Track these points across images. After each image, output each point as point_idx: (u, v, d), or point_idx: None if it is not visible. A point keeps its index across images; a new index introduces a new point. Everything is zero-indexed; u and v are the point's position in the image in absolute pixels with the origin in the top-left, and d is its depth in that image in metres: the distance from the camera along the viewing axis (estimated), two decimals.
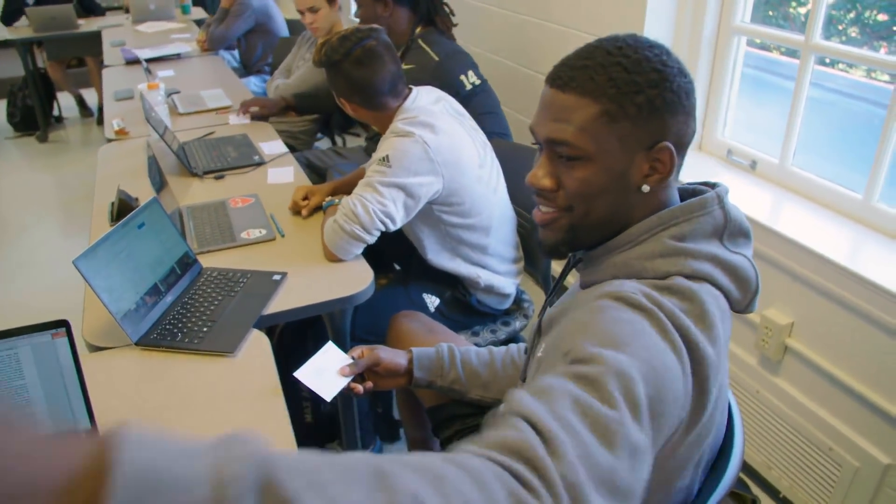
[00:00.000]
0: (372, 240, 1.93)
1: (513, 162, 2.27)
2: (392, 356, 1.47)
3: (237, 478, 0.46)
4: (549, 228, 1.06)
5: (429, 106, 2.04)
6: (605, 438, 0.71)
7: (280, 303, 1.77)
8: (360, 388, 1.44)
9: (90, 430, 1.33)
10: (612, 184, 0.99)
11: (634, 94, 0.94)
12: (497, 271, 2.16)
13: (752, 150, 2.46)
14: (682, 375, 0.84)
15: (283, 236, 2.11)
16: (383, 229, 1.93)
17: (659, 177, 0.99)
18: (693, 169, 2.50)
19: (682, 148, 0.99)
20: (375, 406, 2.42)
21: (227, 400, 1.43)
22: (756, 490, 2.26)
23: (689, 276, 0.94)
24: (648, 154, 0.97)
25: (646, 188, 0.99)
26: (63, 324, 1.30)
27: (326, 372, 1.43)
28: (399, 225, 1.95)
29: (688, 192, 1.07)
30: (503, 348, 1.54)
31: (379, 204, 1.89)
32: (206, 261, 1.94)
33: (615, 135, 0.96)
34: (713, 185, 1.06)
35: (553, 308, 1.12)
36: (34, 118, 6.00)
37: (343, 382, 1.43)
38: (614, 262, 1.01)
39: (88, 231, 2.19)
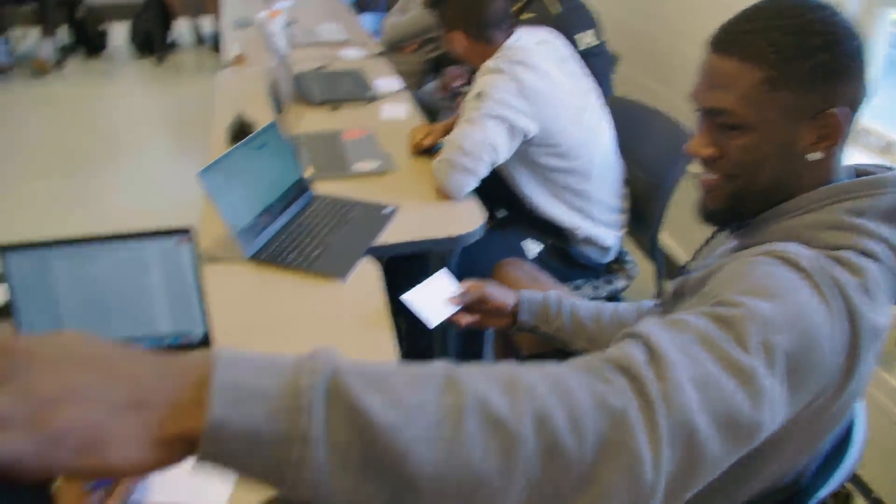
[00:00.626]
0: (482, 171, 1.92)
1: (628, 120, 2.23)
2: (501, 294, 1.46)
3: (309, 387, 0.52)
4: (711, 195, 1.03)
5: (529, 46, 2.02)
6: (730, 372, 0.67)
7: (389, 236, 1.78)
8: (465, 319, 1.44)
9: (205, 335, 1.37)
10: (776, 152, 0.94)
11: (801, 59, 0.89)
12: (598, 220, 2.12)
13: (888, 132, 2.32)
14: (836, 342, 0.79)
15: (395, 171, 2.12)
16: (489, 161, 1.92)
17: (828, 144, 0.93)
18: None
19: (853, 114, 0.93)
20: (469, 347, 2.42)
21: (334, 324, 1.45)
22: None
23: (859, 253, 0.88)
24: (816, 121, 0.92)
25: (814, 156, 0.94)
26: (188, 231, 1.34)
27: (435, 299, 1.44)
28: (504, 157, 1.94)
29: (858, 172, 1.01)
30: (612, 304, 1.51)
31: (481, 135, 1.89)
32: (319, 188, 1.97)
33: (779, 103, 0.91)
34: (888, 168, 0.99)
35: (697, 271, 1.08)
36: (152, 42, 6.20)
37: (449, 311, 1.43)
38: (780, 227, 0.95)
39: (198, 152, 2.25)
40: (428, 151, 2.23)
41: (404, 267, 2.19)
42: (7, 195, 3.87)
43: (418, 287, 1.47)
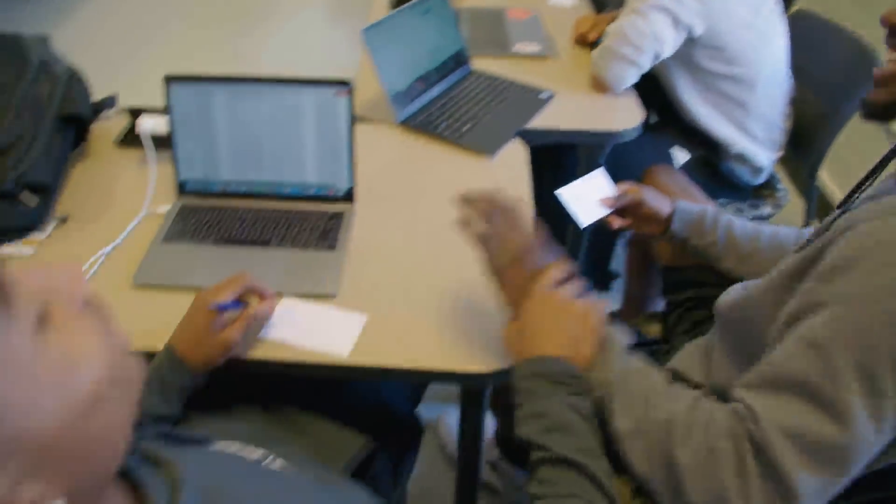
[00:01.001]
0: (644, 63, 1.81)
1: (808, 37, 2.03)
2: (657, 201, 1.39)
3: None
4: (888, 85, 0.92)
5: None
6: (824, 414, 0.75)
7: (541, 121, 1.72)
8: (617, 223, 1.39)
9: (349, 191, 1.38)
10: None
11: None
12: (755, 137, 1.98)
13: None
14: None
15: (555, 58, 2.03)
16: (653, 53, 1.80)
17: None
18: None
19: None
20: (599, 248, 2.36)
21: None
22: None
23: None
24: None
25: None
26: (347, 83, 1.33)
27: (589, 197, 1.39)
28: (668, 51, 1.81)
29: None
30: (772, 227, 1.41)
31: (646, 25, 1.77)
32: (476, 64, 1.92)
33: None
34: None
35: (860, 209, 0.96)
36: None
37: (602, 212, 1.38)
38: None
39: (356, 18, 2.22)
40: (592, 45, 2.12)
41: (550, 159, 2.13)
42: (163, 44, 4.00)
43: (574, 183, 1.41)
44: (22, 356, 0.41)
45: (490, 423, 1.86)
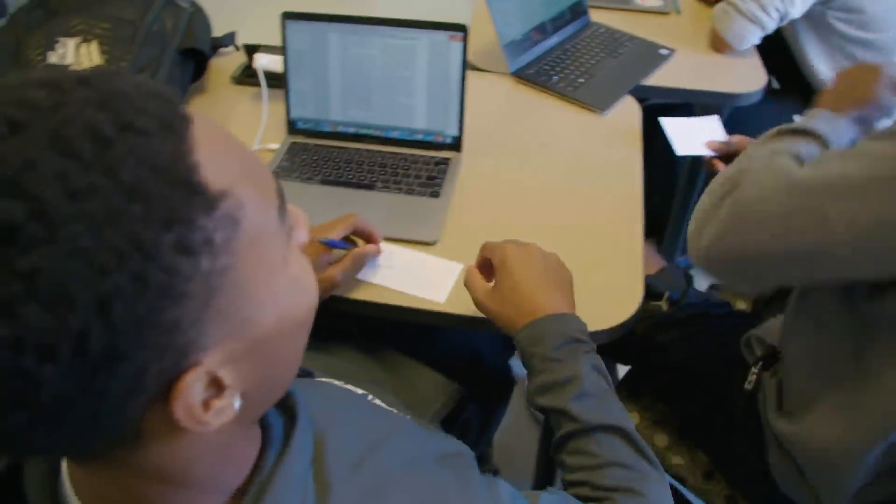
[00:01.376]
0: (769, 23, 1.70)
1: None
2: None
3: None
4: None
5: None
6: None
7: (658, 78, 1.66)
8: (719, 166, 1.34)
9: (456, 139, 1.37)
10: None
11: None
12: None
13: None
14: None
15: (678, 13, 1.94)
16: (780, 13, 1.68)
17: None
18: None
19: None
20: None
21: (587, 155, 1.39)
22: None
23: None
24: None
25: None
26: (462, 29, 1.31)
27: (693, 133, 1.35)
28: (796, 12, 1.70)
29: None
30: None
31: None
32: (595, 16, 1.86)
33: None
34: None
35: None
36: None
37: (702, 151, 1.32)
38: None
39: None
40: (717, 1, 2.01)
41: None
42: None
43: (683, 118, 1.37)
44: (277, 256, 0.46)
45: None
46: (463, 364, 1.20)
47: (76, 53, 1.39)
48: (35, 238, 0.34)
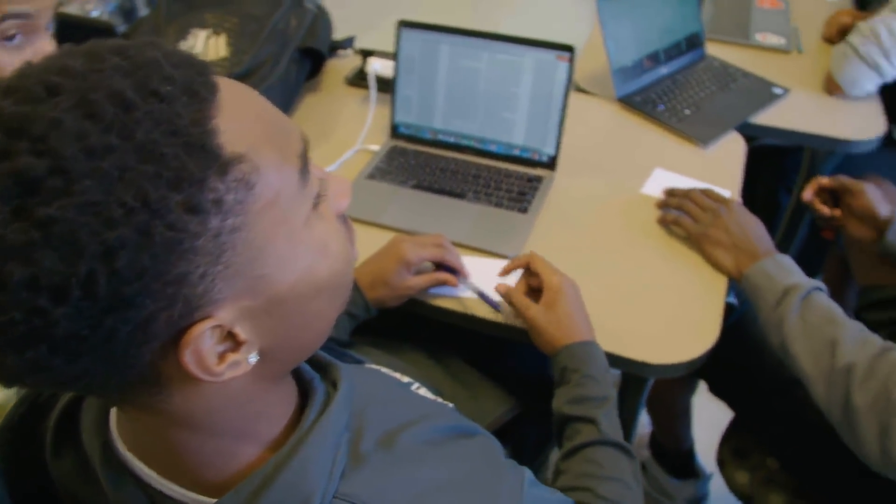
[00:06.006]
0: (889, 72, 1.60)
1: None
2: (876, 197, 1.25)
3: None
4: None
5: None
6: None
7: (768, 117, 1.62)
8: (823, 209, 1.30)
9: (552, 158, 1.38)
10: None
11: None
12: None
13: None
14: None
15: (800, 52, 1.89)
16: None
17: None
18: None
19: None
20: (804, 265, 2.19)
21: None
22: None
23: None
24: None
25: None
26: (570, 49, 1.32)
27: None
28: None
29: None
30: None
31: None
32: (712, 49, 1.83)
33: None
34: None
35: None
36: None
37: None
38: None
39: None
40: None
41: (771, 159, 2.00)
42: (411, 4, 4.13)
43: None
44: (297, 219, 0.48)
45: (645, 422, 1.81)
46: (528, 381, 1.21)
47: (205, 44, 1.49)
48: (54, 190, 0.38)
